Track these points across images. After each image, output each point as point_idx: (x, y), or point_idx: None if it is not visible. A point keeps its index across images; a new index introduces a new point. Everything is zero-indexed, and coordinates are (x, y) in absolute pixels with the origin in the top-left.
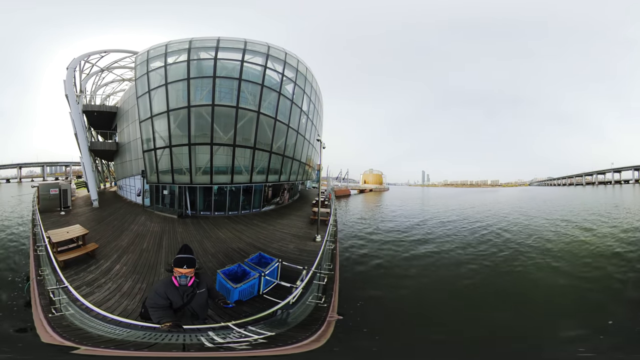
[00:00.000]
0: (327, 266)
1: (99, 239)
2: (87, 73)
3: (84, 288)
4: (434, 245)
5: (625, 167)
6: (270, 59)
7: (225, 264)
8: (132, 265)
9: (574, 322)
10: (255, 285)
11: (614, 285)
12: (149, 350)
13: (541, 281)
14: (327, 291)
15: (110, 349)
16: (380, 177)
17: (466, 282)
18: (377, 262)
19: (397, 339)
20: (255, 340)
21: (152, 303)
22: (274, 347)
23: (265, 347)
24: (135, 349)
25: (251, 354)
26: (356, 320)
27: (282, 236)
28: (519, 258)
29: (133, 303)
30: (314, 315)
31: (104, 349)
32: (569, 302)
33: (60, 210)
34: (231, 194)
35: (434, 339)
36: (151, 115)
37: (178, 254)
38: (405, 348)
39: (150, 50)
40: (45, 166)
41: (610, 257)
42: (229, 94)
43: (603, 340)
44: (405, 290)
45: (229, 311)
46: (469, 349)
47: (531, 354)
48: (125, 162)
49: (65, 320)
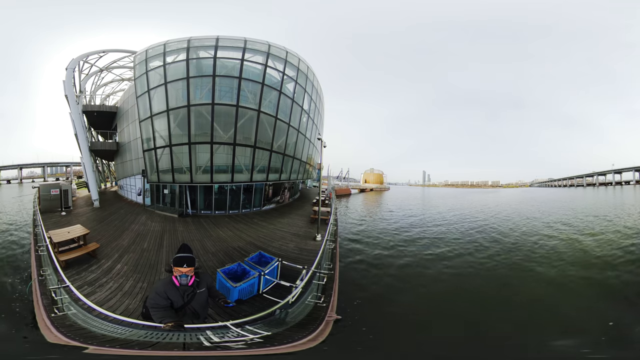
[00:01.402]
0: (327, 265)
1: (100, 238)
2: (87, 73)
3: (85, 288)
4: (446, 249)
5: (626, 168)
6: (271, 57)
7: (225, 262)
8: (133, 265)
9: (573, 323)
10: (255, 284)
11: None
12: (152, 349)
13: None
14: (326, 291)
15: (117, 348)
16: (381, 176)
17: (467, 282)
18: (377, 262)
19: (395, 338)
20: (251, 340)
21: (153, 303)
22: (269, 347)
23: (261, 347)
24: (139, 348)
25: (246, 353)
26: (354, 319)
27: (282, 235)
28: (521, 261)
29: (134, 302)
30: (313, 315)
31: (110, 348)
32: (569, 303)
33: (61, 210)
34: (232, 193)
35: (434, 338)
36: (151, 115)
37: (177, 253)
38: (401, 347)
39: (149, 49)
40: (46, 167)
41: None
42: (229, 93)
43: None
44: (406, 293)
45: (229, 310)
46: (469, 348)
47: (530, 354)
48: (125, 162)
49: (68, 320)
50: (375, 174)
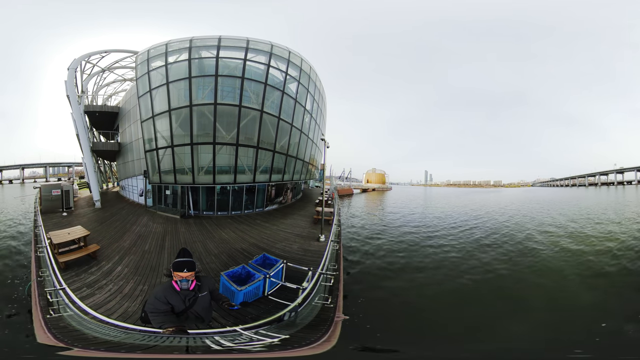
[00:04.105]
0: (331, 266)
1: (100, 240)
2: (89, 73)
3: (84, 289)
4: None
5: (628, 168)
6: (274, 57)
7: (228, 264)
8: (134, 267)
9: (569, 324)
10: (260, 287)
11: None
12: (151, 352)
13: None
14: (332, 291)
15: (101, 351)
16: (383, 176)
17: (468, 283)
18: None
19: (403, 335)
20: (271, 343)
21: (152, 308)
22: (290, 349)
23: (277, 350)
24: (127, 351)
25: (267, 355)
26: (359, 316)
27: (285, 236)
28: (524, 262)
29: (134, 305)
30: (321, 316)
31: (95, 350)
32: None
33: (62, 211)
34: (234, 194)
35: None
36: (153, 115)
37: (177, 258)
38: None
39: (151, 49)
40: (47, 167)
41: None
42: (232, 93)
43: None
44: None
45: (234, 313)
46: (466, 349)
47: (528, 354)
48: (127, 163)
49: (62, 322)
50: (377, 174)
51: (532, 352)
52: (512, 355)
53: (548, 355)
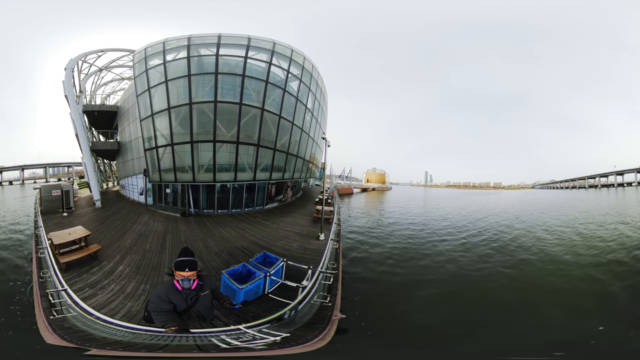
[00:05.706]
0: (331, 265)
1: (101, 239)
2: (86, 73)
3: (86, 290)
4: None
5: (628, 169)
6: (276, 55)
7: (229, 263)
8: (136, 266)
9: (567, 325)
10: (260, 285)
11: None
12: (164, 352)
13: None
14: (331, 290)
15: (119, 351)
16: (383, 176)
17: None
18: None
19: (397, 335)
20: (273, 341)
21: (154, 307)
22: (288, 347)
23: (277, 347)
24: (147, 350)
25: (269, 353)
26: (355, 314)
27: (285, 234)
28: (524, 262)
29: (137, 305)
30: (320, 314)
31: (112, 350)
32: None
33: (62, 211)
34: (234, 192)
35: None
36: (152, 113)
37: (179, 257)
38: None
39: (148, 48)
40: (47, 167)
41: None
42: (232, 91)
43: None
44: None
45: (235, 311)
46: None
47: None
48: (127, 161)
49: (67, 322)
50: (377, 173)
51: (531, 351)
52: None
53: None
